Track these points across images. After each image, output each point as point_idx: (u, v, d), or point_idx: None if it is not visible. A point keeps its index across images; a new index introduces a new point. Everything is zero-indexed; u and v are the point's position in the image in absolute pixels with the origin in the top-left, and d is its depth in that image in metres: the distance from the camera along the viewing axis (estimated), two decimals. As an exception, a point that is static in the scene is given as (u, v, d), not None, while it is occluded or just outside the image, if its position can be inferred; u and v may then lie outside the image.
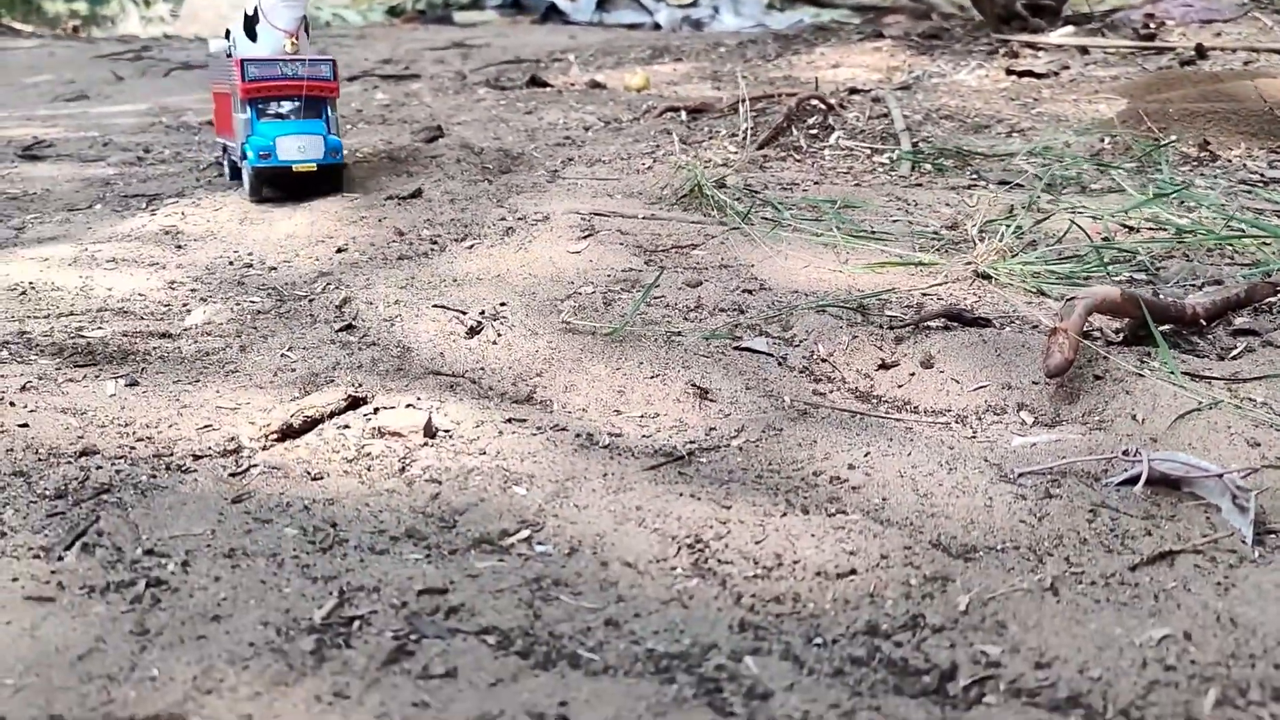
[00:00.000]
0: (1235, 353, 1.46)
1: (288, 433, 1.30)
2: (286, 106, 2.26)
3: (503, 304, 1.67)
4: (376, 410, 1.35)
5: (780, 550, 1.05)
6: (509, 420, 1.36)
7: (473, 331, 1.60)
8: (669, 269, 1.81)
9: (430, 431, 1.30)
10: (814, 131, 2.67)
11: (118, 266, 1.95)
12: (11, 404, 1.34)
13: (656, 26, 7.74)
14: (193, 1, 8.47)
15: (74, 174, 2.71)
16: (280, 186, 2.27)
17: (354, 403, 1.37)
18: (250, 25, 2.25)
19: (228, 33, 2.37)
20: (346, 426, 1.31)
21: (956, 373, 1.46)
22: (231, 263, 1.96)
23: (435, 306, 1.66)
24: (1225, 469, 1.12)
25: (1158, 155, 2.42)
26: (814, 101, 2.82)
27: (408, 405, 1.37)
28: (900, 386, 1.47)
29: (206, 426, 1.32)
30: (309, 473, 1.22)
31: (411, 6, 8.34)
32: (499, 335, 1.59)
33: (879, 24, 5.77)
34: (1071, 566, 1.03)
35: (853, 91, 3.45)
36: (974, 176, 2.33)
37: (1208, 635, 0.92)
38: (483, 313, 1.64)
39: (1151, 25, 4.28)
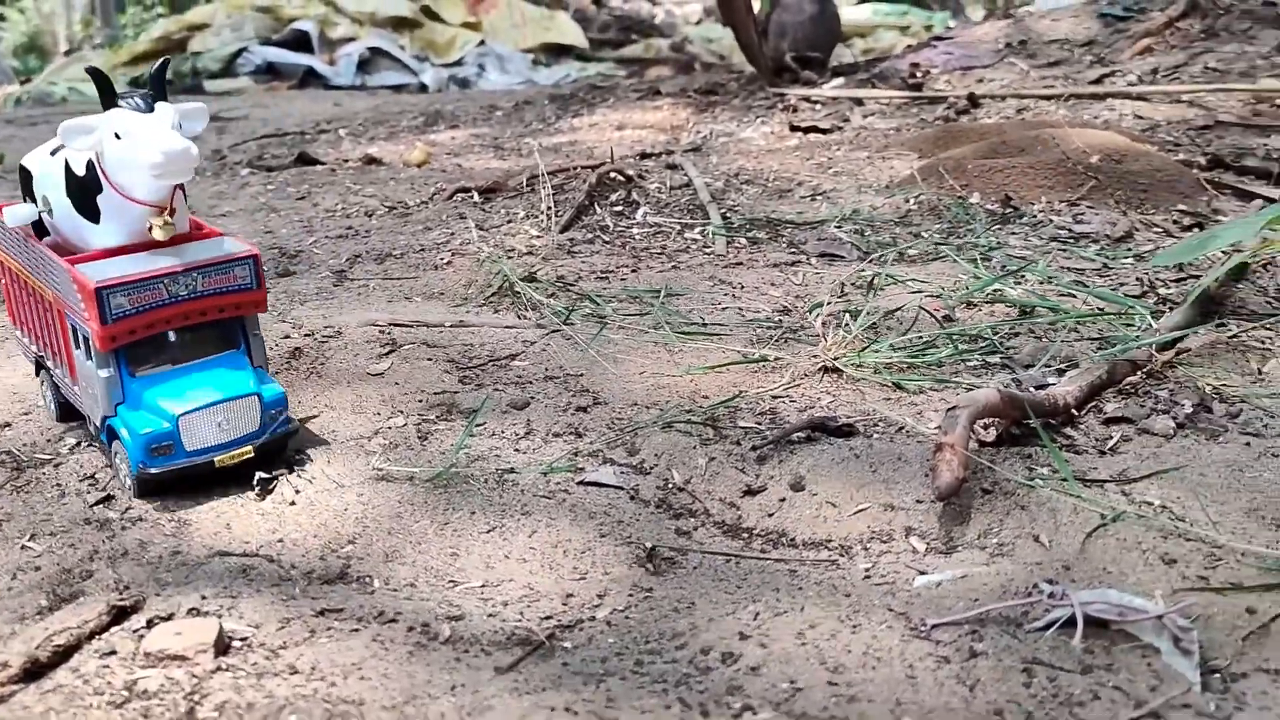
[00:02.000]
0: (1112, 443, 1.37)
1: (32, 670, 1.01)
2: (172, 339, 1.33)
3: (298, 450, 1.41)
4: (150, 623, 1.07)
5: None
6: (321, 613, 1.11)
7: (264, 491, 1.33)
8: (488, 387, 1.60)
9: (222, 647, 1.04)
10: (618, 208, 2.51)
11: None
12: None
13: (423, 88, 7.49)
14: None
15: None
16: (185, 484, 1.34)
17: (119, 614, 1.09)
18: (83, 191, 1.31)
19: (26, 187, 1.45)
20: (111, 653, 1.03)
21: (831, 494, 1.30)
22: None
23: (215, 464, 1.38)
24: (1163, 609, 1.00)
25: (965, 214, 2.38)
26: (613, 174, 2.67)
27: (190, 610, 1.10)
28: (771, 515, 1.30)
29: (-82, 673, 1.01)
30: (64, 730, 0.94)
31: (156, 76, 7.78)
32: (297, 493, 1.33)
33: (653, 80, 5.74)
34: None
35: (644, 156, 3.33)
36: (792, 250, 2.22)
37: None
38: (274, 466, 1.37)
39: (918, 74, 4.37)
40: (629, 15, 9.77)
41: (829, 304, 1.83)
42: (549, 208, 2.42)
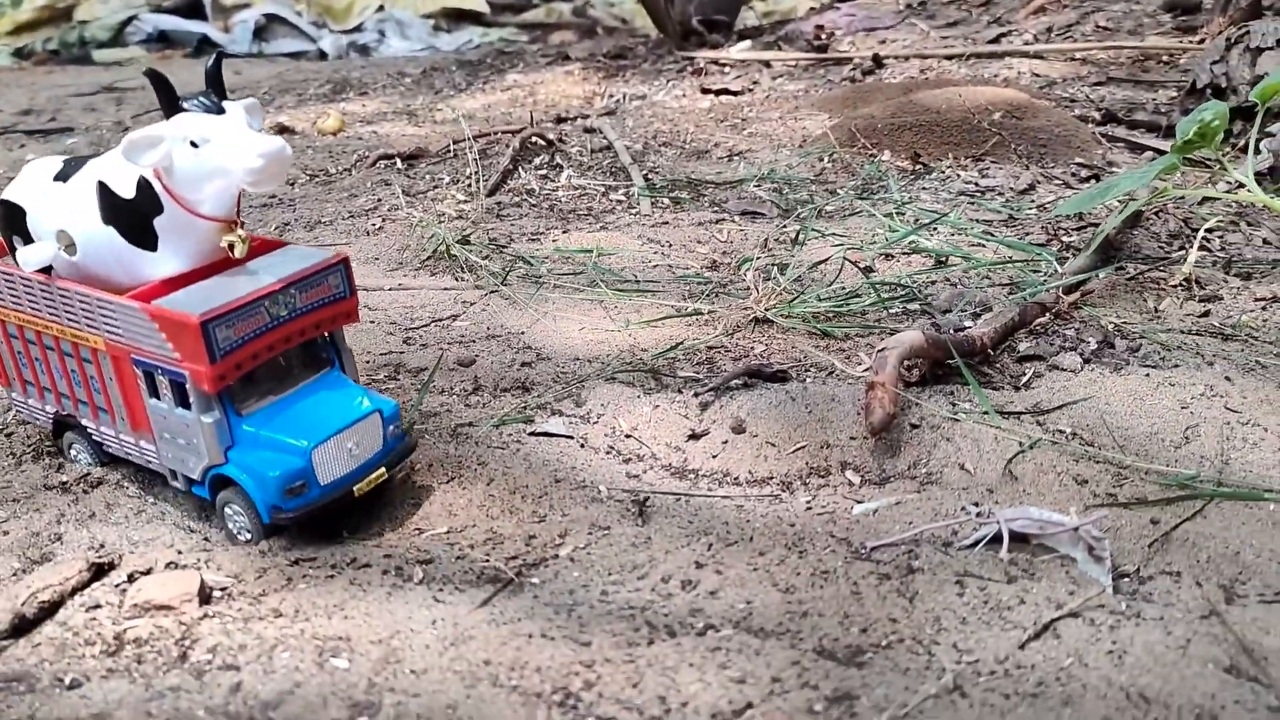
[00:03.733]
0: (1026, 379, 1.48)
1: (21, 626, 1.04)
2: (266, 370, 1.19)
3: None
4: (131, 577, 1.11)
5: (662, 691, 0.93)
6: (295, 562, 1.15)
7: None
8: (433, 347, 1.64)
9: (206, 596, 1.08)
10: (543, 172, 2.56)
11: None
12: None
13: (322, 55, 7.36)
14: None
15: None
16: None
17: (98, 571, 1.12)
18: (134, 215, 1.15)
19: (12, 225, 1.26)
20: (97, 606, 1.07)
21: (771, 435, 1.39)
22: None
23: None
24: (1079, 520, 1.10)
25: (878, 172, 2.48)
26: (534, 139, 2.71)
27: (169, 565, 1.14)
28: (715, 457, 1.38)
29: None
30: (60, 679, 0.98)
31: (43, 47, 7.53)
32: (257, 452, 1.37)
33: (561, 45, 5.75)
34: (963, 654, 0.97)
35: (560, 120, 3.37)
36: (714, 209, 2.29)
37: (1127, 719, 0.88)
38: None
39: (823, 36, 4.47)
40: (530, -21, 9.69)
41: (756, 259, 1.91)
42: (474, 172, 2.45)
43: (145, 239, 1.16)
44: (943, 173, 2.48)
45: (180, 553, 1.16)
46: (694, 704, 0.91)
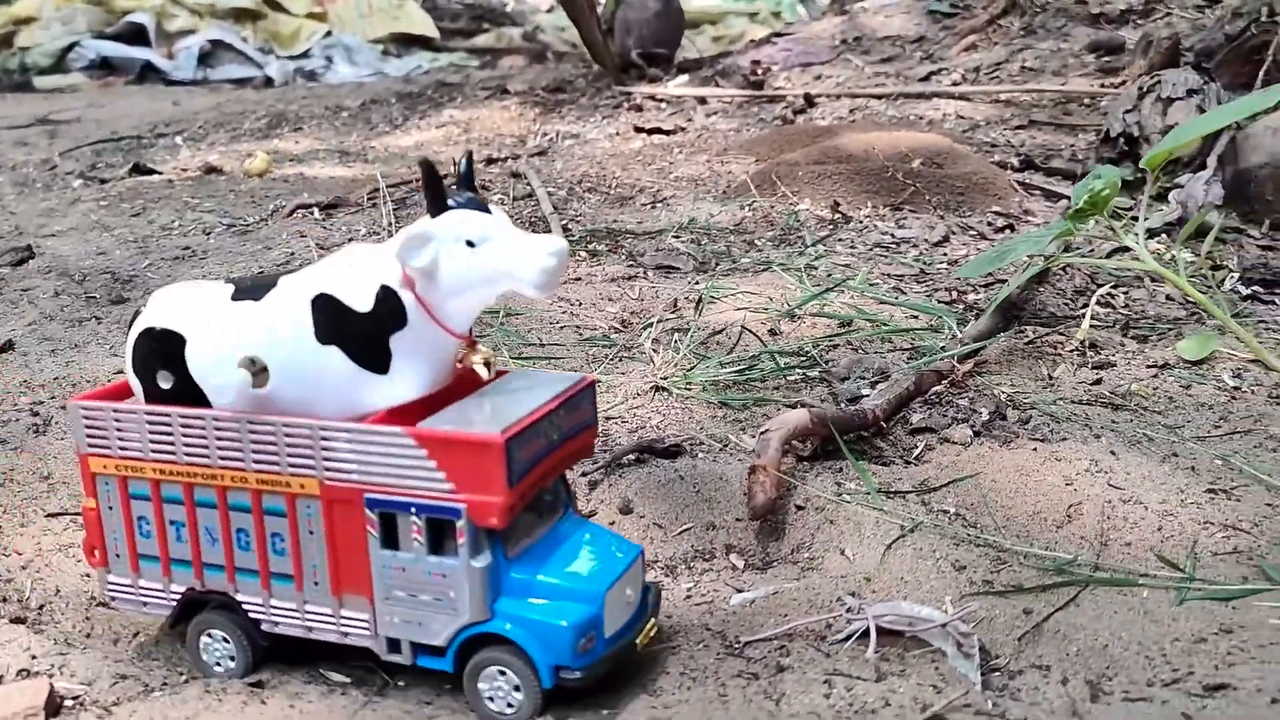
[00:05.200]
0: (917, 453, 1.48)
1: None
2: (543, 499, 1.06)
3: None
4: (-21, 688, 1.08)
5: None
6: (158, 666, 1.12)
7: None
8: (326, 418, 1.62)
9: (55, 708, 1.05)
10: (460, 222, 2.54)
11: None
12: None
13: (268, 81, 7.30)
14: None
15: None
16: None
17: (-53, 680, 1.08)
18: (373, 334, 0.99)
19: (162, 358, 1.05)
20: (-61, 722, 1.03)
21: (658, 516, 1.37)
22: None
23: (48, 516, 1.38)
24: (946, 617, 1.10)
25: (795, 222, 2.48)
26: (455, 185, 2.69)
27: (20, 671, 1.10)
28: (601, 539, 1.36)
29: None
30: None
31: (-19, 73, 7.43)
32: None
33: (504, 74, 5.74)
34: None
35: (490, 162, 3.36)
36: (630, 262, 2.29)
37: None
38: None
39: (759, 72, 4.49)
40: (480, 4, 9.69)
41: (660, 321, 1.90)
42: (390, 223, 2.43)
43: (377, 360, 0.99)
44: (860, 222, 2.49)
45: (35, 657, 1.12)
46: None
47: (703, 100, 4.21)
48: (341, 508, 1.01)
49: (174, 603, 1.11)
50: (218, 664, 1.10)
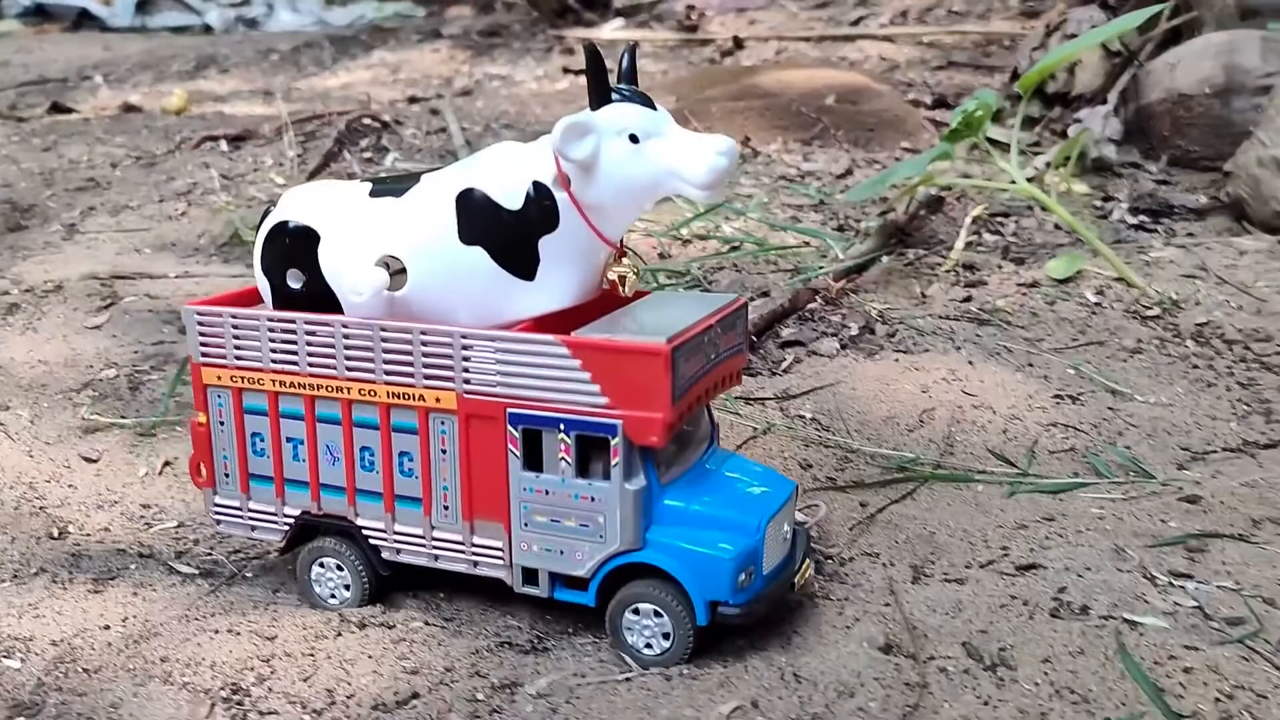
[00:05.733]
0: (785, 365, 1.51)
1: None
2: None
3: (6, 407, 1.43)
4: None
5: (333, 684, 0.94)
6: (10, 559, 1.14)
7: None
8: (208, 335, 1.63)
9: (-102, 597, 1.06)
10: (368, 154, 2.54)
11: None
12: None
13: (207, 28, 7.19)
14: None
15: None
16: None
17: None
18: (522, 235, 0.91)
19: (293, 256, 0.97)
20: None
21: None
22: None
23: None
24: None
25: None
26: (367, 119, 2.69)
27: None
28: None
29: None
30: None
31: (-87, 18, 7.26)
32: (-3, 447, 1.35)
33: (441, 18, 5.69)
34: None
35: (413, 101, 3.34)
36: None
37: (774, 699, 0.90)
38: (-25, 421, 1.38)
39: (693, 16, 4.49)
40: (427, -47, 9.55)
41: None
42: (297, 155, 2.43)
43: (524, 264, 0.91)
44: (769, 156, 2.51)
45: (-115, 552, 1.14)
46: (360, 696, 0.92)
47: (636, 44, 4.21)
48: (480, 424, 0.91)
49: (286, 527, 1.02)
50: (332, 595, 1.02)
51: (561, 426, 0.88)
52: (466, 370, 0.91)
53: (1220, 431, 1.31)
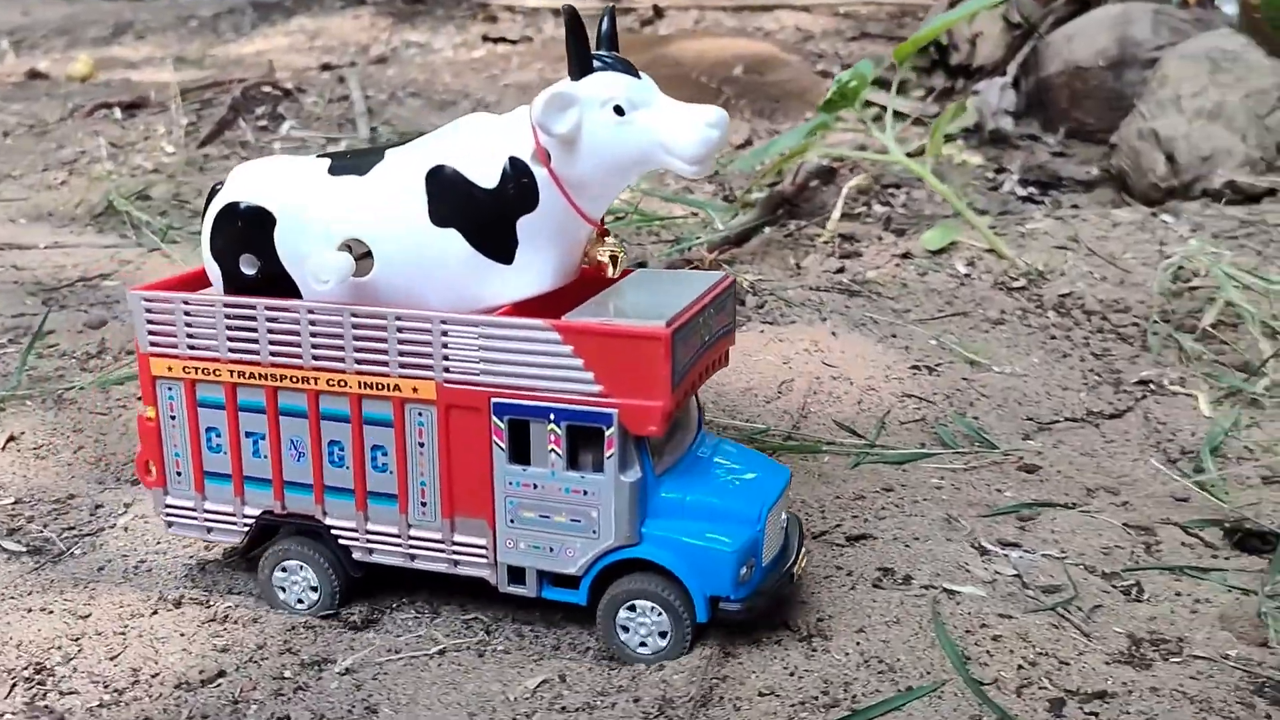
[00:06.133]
0: (652, 337, 1.50)
1: None
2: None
3: None
4: None
5: (140, 663, 0.92)
6: None
7: None
8: (71, 308, 1.60)
9: None
10: (264, 123, 2.50)
11: None
12: None
13: (135, -6, 7.02)
14: None
15: None
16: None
17: None
18: (499, 215, 0.85)
19: (246, 240, 0.90)
20: None
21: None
22: None
23: None
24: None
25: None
26: (266, 87, 2.64)
27: None
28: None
29: None
30: None
31: None
32: None
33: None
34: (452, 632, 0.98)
35: (326, 69, 3.29)
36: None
37: (582, 671, 0.90)
38: None
39: (621, -16, 4.45)
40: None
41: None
42: (189, 123, 2.38)
43: (501, 245, 0.85)
44: (672, 127, 2.50)
45: None
46: (165, 675, 0.91)
47: (557, 12, 4.17)
48: (461, 415, 0.86)
49: (246, 528, 0.96)
50: (299, 600, 0.96)
51: (551, 417, 0.83)
52: (447, 358, 0.85)
53: (1069, 401, 1.33)
